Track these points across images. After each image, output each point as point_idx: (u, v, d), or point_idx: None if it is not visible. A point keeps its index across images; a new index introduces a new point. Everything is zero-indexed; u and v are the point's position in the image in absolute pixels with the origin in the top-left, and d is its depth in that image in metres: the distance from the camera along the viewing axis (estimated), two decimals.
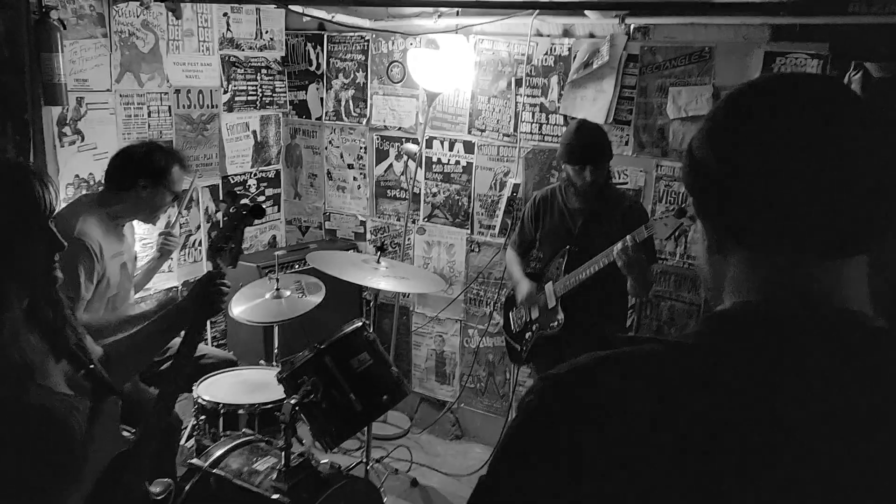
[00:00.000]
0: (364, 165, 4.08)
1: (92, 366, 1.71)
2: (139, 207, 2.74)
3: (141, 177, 2.67)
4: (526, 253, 3.20)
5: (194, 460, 2.49)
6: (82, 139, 3.18)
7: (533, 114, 3.51)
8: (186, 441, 3.01)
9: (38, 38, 2.88)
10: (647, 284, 2.79)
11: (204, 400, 2.77)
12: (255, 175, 4.15)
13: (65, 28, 2.97)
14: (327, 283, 3.19)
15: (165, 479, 2.02)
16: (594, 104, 3.32)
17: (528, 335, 3.02)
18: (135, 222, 2.89)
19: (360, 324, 2.62)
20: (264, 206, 2.48)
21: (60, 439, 1.56)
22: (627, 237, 2.60)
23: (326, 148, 4.18)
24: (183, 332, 1.99)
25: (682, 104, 3.13)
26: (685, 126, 3.15)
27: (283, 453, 2.37)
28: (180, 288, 3.70)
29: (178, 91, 3.59)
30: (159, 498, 1.97)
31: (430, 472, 3.63)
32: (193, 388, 2.87)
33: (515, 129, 3.56)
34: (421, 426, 4.04)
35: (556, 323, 2.88)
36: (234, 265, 2.13)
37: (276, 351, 3.32)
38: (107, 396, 1.75)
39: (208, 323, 3.89)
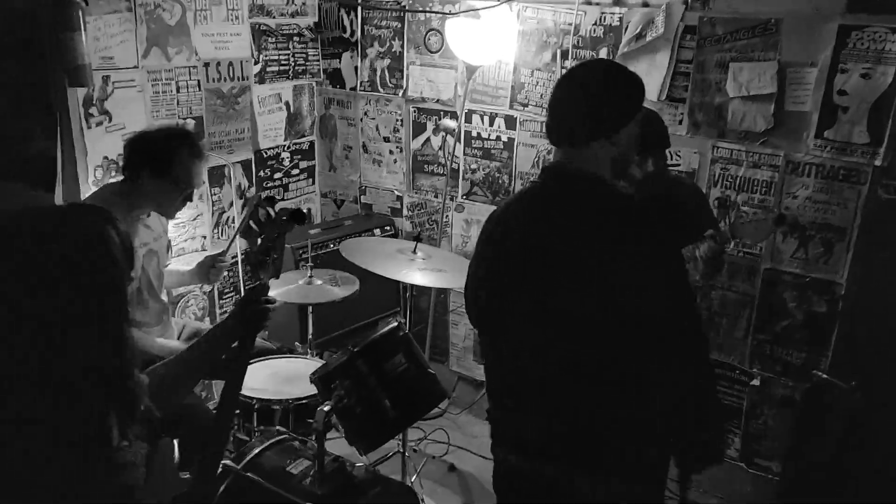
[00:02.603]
0: (400, 139, 3.91)
1: (143, 406, 1.52)
2: (150, 200, 2.57)
3: (142, 168, 2.51)
4: None
5: (227, 461, 2.45)
6: (110, 119, 3.07)
7: None
8: None
9: (59, 18, 2.75)
10: (717, 273, 2.72)
11: None
12: (289, 148, 4.02)
13: (87, 4, 2.83)
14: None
15: None
16: (646, 79, 3.03)
17: None
18: None
19: (396, 324, 2.51)
20: (304, 211, 2.29)
21: (124, 500, 1.43)
22: (710, 239, 2.38)
23: (361, 119, 4.01)
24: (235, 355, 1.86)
25: (744, 81, 2.88)
26: (746, 105, 2.90)
27: (316, 460, 2.31)
28: None
29: (207, 64, 3.45)
30: None
31: (467, 455, 3.57)
32: None
33: None
34: (459, 405, 3.97)
35: None
36: (278, 276, 1.96)
37: (310, 336, 3.25)
38: (160, 438, 1.63)
39: None
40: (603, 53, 3.18)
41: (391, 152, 3.97)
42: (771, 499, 3.13)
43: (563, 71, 3.28)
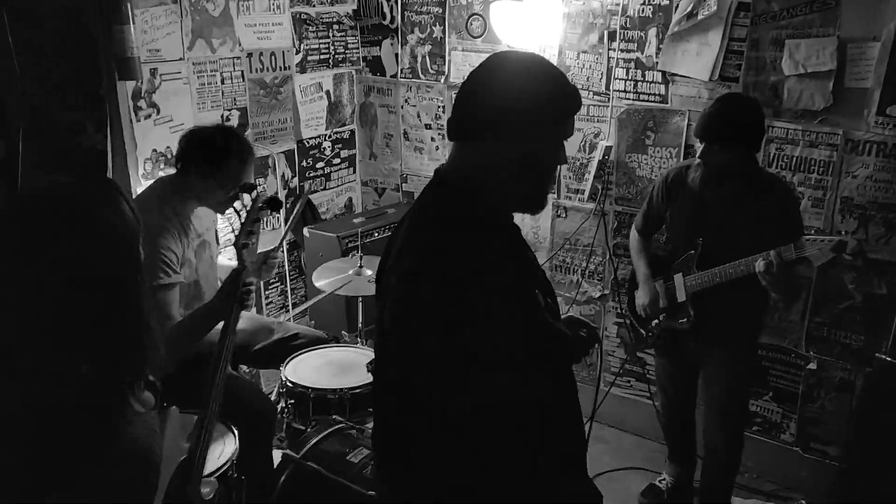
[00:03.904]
0: (442, 125, 3.88)
1: (151, 377, 1.66)
2: (196, 195, 2.56)
3: (192, 165, 2.50)
4: (652, 233, 2.95)
5: (287, 451, 2.47)
6: (158, 112, 3.08)
7: (627, 70, 3.22)
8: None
9: (108, 10, 2.76)
10: (796, 294, 2.58)
11: (292, 383, 2.73)
12: (330, 137, 4.01)
13: None
14: None
15: (211, 480, 2.02)
16: (698, 59, 3.02)
17: (654, 322, 2.82)
18: None
19: None
20: (280, 199, 2.46)
21: (146, 468, 1.50)
22: (772, 253, 2.34)
23: (402, 107, 3.99)
24: (221, 328, 2.10)
25: (801, 59, 2.80)
26: (803, 83, 2.82)
27: None
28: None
29: (250, 55, 3.44)
30: (209, 498, 1.96)
31: None
32: (281, 368, 2.83)
33: (607, 88, 3.29)
34: None
35: (685, 320, 2.67)
36: (255, 258, 2.32)
37: (360, 325, 3.25)
38: (167, 409, 1.69)
39: (288, 291, 3.86)
40: (652, 34, 3.12)
41: (433, 139, 3.94)
42: (827, 483, 3.08)
43: (611, 53, 3.25)
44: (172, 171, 2.67)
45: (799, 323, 3.08)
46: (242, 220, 2.29)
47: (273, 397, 3.21)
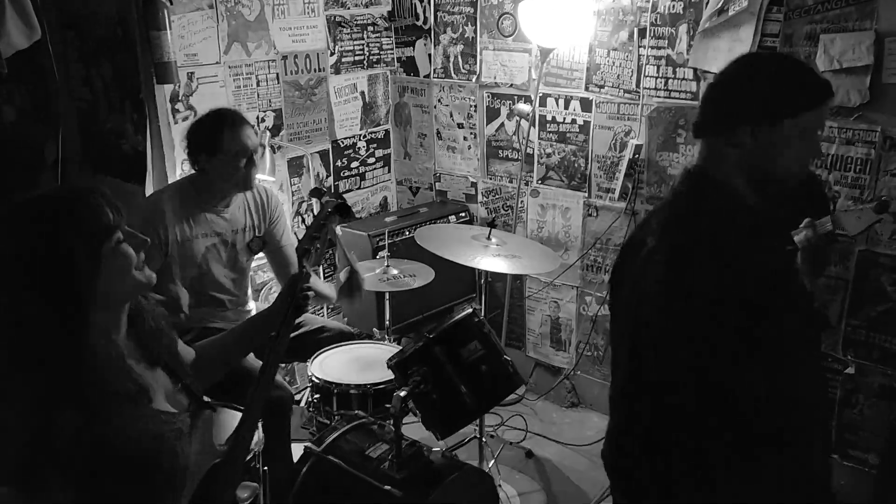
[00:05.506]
0: (474, 125, 3.90)
1: (187, 380, 1.70)
2: (218, 179, 2.69)
3: (199, 153, 2.65)
4: None
5: (309, 444, 2.53)
6: (195, 114, 3.17)
7: (658, 67, 3.18)
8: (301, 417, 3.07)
9: (146, 17, 2.87)
10: (822, 271, 2.54)
11: (318, 378, 2.79)
12: (365, 137, 4.07)
13: (171, 3, 2.94)
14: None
15: (252, 484, 2.00)
16: (729, 55, 2.95)
17: None
18: (269, 204, 2.88)
19: (471, 310, 2.52)
20: (350, 205, 2.38)
21: (166, 465, 1.53)
22: (808, 228, 2.28)
23: (435, 106, 4.02)
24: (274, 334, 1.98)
25: (836, 54, 2.72)
26: (839, 79, 2.74)
27: (394, 444, 2.35)
28: None
29: (284, 57, 3.53)
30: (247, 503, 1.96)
31: (545, 441, 3.55)
32: (308, 363, 2.90)
33: (638, 85, 3.25)
34: (536, 392, 3.96)
35: None
36: (319, 264, 2.13)
37: (387, 322, 3.30)
38: (202, 410, 1.73)
39: None
40: (682, 30, 3.07)
41: (465, 139, 3.96)
42: (866, 492, 2.98)
43: (641, 50, 3.21)
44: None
45: (835, 326, 2.99)
46: (308, 225, 2.30)
47: (306, 394, 3.30)
